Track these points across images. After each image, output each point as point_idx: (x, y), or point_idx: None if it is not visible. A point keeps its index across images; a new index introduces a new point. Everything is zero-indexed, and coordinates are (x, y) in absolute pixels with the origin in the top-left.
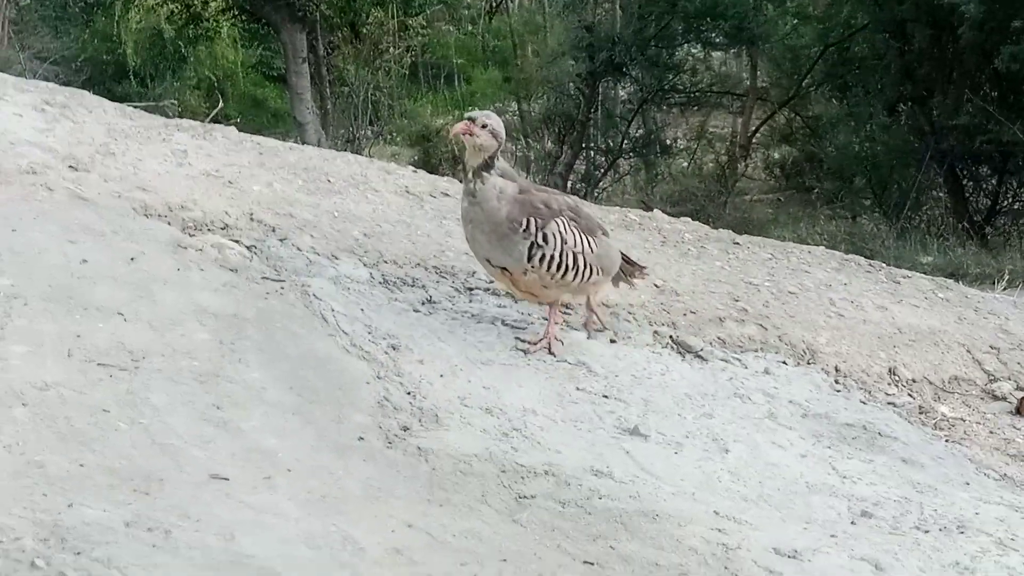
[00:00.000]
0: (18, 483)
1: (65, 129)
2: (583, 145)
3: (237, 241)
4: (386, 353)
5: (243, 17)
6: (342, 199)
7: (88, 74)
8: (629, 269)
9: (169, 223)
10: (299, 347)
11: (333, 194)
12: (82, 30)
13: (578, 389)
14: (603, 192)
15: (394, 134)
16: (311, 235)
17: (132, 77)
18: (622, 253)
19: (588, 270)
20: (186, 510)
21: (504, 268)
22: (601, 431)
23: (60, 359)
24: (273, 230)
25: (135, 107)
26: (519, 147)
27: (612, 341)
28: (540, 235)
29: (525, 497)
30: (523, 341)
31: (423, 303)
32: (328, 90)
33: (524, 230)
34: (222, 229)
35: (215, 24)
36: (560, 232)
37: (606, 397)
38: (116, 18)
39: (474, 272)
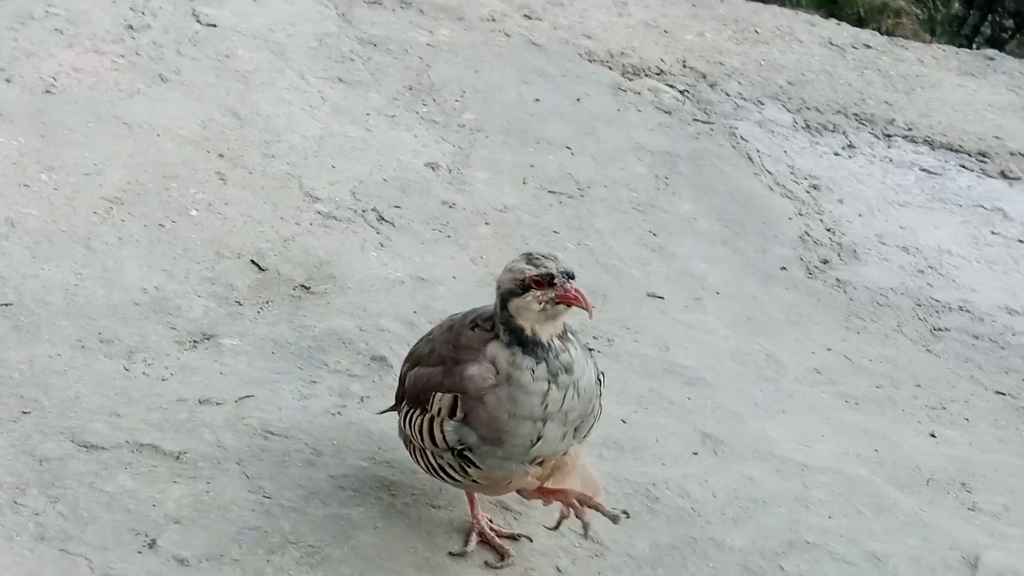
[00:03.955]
0: (483, 291)
1: None
2: (991, 8)
3: (671, 86)
4: (807, 192)
5: None
6: (768, 49)
7: None
8: None
9: (610, 68)
10: (726, 183)
11: (760, 44)
12: None
13: (993, 233)
14: (1011, 52)
15: None
16: (738, 82)
17: None
18: None
19: None
20: (626, 323)
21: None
22: (1016, 273)
23: (516, 185)
24: (703, 76)
25: None
26: (923, 11)
27: None
28: None
29: (939, 329)
30: None
31: (843, 148)
32: None
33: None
34: (657, 75)
35: None
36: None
37: (1021, 242)
38: None
39: (893, 120)
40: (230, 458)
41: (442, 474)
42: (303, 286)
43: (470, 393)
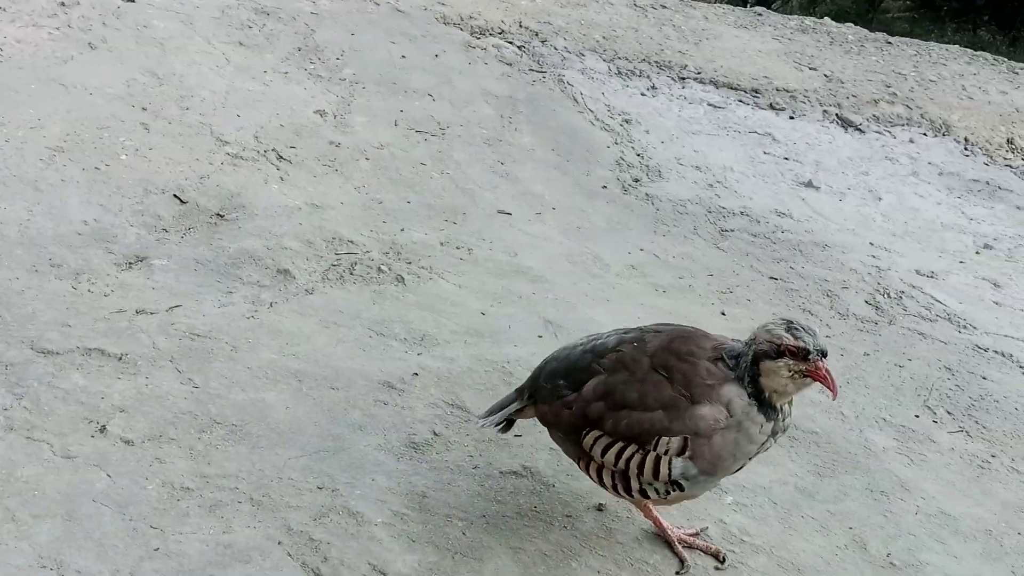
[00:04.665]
0: (366, 213)
1: None
2: None
3: (511, 42)
4: (621, 126)
5: None
6: (586, 11)
7: None
8: None
9: (461, 29)
10: (558, 120)
11: (580, 7)
12: None
13: (765, 153)
14: (775, 9)
15: None
16: (564, 38)
17: None
18: None
19: None
20: (482, 235)
21: None
22: (782, 183)
23: (389, 127)
24: (536, 34)
25: None
26: None
27: (791, 117)
28: None
29: (726, 230)
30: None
31: (648, 89)
32: None
33: None
34: (499, 34)
35: None
36: None
37: (786, 159)
38: None
39: (686, 65)
40: (164, 357)
41: (636, 494)
42: (218, 215)
43: (701, 433)
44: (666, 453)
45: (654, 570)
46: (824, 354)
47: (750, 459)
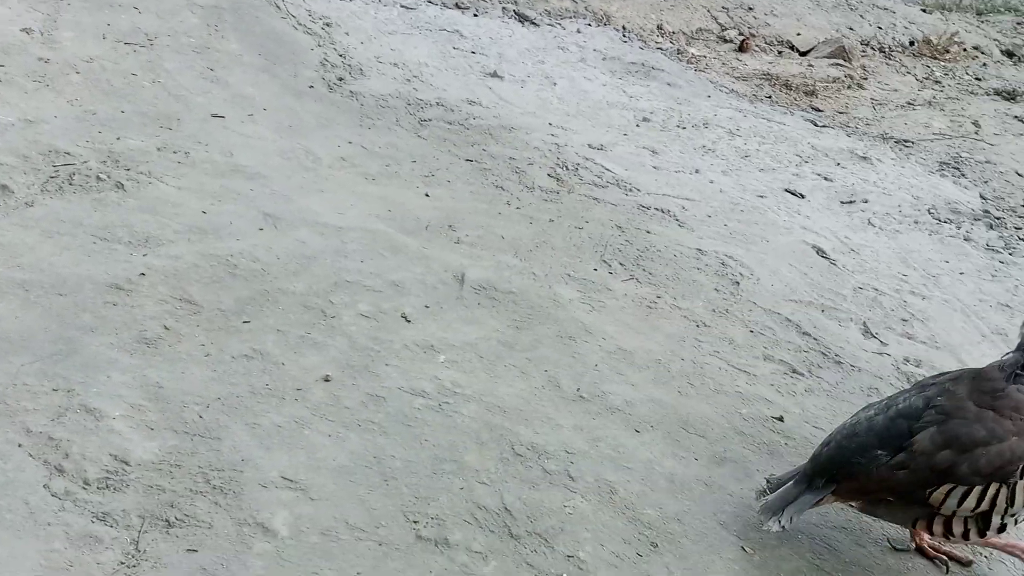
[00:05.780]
0: (80, 125)
1: None
2: None
3: None
4: (323, 29)
5: None
6: None
7: None
8: None
9: None
10: (262, 26)
11: None
12: None
13: (455, 48)
14: None
15: None
16: None
17: None
18: None
19: None
20: (198, 138)
21: None
22: (472, 75)
23: (97, 40)
24: None
25: None
26: None
27: (475, 15)
28: None
29: (425, 120)
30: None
31: None
32: None
33: None
34: None
35: None
36: None
37: (474, 53)
38: None
39: None
40: None
41: (992, 532)
42: None
43: None
44: None
45: (379, 428)
46: None
47: None
